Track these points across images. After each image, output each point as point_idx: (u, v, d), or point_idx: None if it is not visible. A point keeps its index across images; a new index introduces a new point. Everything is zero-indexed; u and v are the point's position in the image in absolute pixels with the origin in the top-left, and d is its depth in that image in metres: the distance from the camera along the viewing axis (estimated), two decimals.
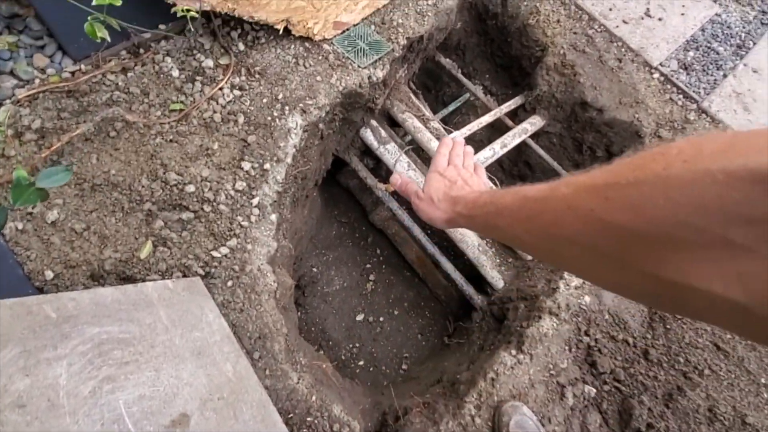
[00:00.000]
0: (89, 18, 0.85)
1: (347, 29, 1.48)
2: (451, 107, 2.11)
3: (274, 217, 1.15)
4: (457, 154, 0.58)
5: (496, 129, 1.94)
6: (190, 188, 1.06)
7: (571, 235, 0.26)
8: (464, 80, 1.94)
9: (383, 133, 1.71)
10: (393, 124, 1.81)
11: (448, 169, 0.51)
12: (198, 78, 1.24)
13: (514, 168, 2.15)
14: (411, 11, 1.61)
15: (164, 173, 1.05)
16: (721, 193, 0.19)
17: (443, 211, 0.41)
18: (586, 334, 1.12)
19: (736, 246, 0.19)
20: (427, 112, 1.77)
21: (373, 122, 1.72)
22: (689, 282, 0.21)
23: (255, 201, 1.12)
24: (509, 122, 1.86)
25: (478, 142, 2.08)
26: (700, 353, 1.03)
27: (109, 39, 0.92)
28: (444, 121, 2.22)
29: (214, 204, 1.07)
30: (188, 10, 1.05)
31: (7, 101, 1.12)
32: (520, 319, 1.27)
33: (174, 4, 1.05)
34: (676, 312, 0.27)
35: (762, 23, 1.93)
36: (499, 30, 1.88)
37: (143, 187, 1.03)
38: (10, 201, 0.54)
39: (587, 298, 1.18)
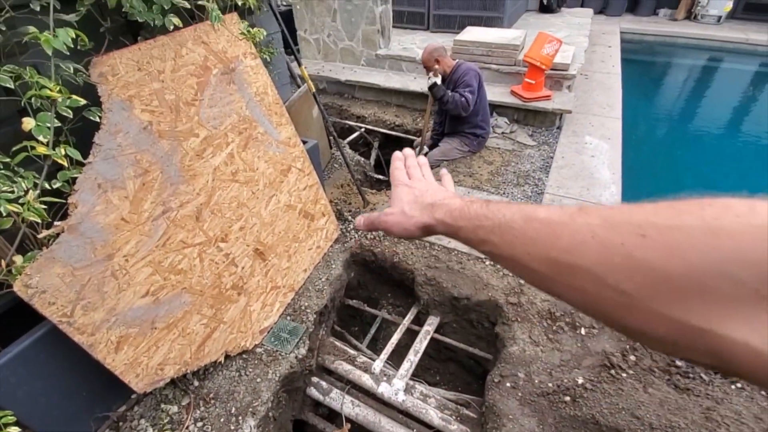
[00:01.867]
0: None
1: (270, 329, 2.03)
2: (373, 330, 2.64)
3: None
4: (411, 165, 0.55)
5: (411, 333, 2.45)
6: None
7: (589, 265, 0.25)
8: (371, 310, 2.54)
9: (324, 384, 2.12)
10: (330, 371, 2.24)
11: (415, 181, 0.48)
12: (167, 426, 1.63)
13: (439, 355, 2.59)
14: (312, 292, 2.25)
15: None
16: None
17: (418, 218, 0.39)
18: None
19: None
20: (352, 351, 2.25)
21: (314, 379, 2.14)
22: (722, 332, 0.22)
23: None
24: (416, 327, 2.40)
25: (404, 347, 2.55)
26: None
27: None
28: (374, 338, 2.72)
29: None
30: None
31: None
32: None
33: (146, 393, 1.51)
34: (694, 357, 0.25)
35: (537, 193, 2.90)
36: (380, 268, 2.59)
37: None
38: None
39: None
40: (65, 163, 1.12)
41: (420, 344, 2.23)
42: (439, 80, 2.96)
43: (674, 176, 4.03)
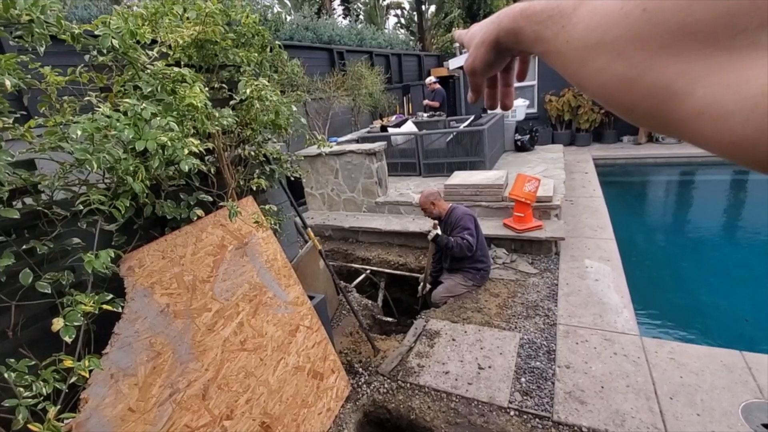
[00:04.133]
0: None
1: None
2: None
3: None
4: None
5: None
6: None
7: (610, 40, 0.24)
8: None
9: None
10: None
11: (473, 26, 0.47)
12: None
13: None
14: None
15: None
16: None
17: (488, 39, 0.39)
18: None
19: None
20: None
21: None
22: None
23: None
24: None
25: None
26: None
27: None
28: None
29: None
30: None
31: None
32: None
33: None
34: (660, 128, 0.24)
35: (549, 325, 2.84)
36: (396, 428, 2.37)
37: None
38: None
39: None
40: (86, 375, 1.17)
41: None
42: (439, 231, 3.24)
43: (685, 290, 3.97)
